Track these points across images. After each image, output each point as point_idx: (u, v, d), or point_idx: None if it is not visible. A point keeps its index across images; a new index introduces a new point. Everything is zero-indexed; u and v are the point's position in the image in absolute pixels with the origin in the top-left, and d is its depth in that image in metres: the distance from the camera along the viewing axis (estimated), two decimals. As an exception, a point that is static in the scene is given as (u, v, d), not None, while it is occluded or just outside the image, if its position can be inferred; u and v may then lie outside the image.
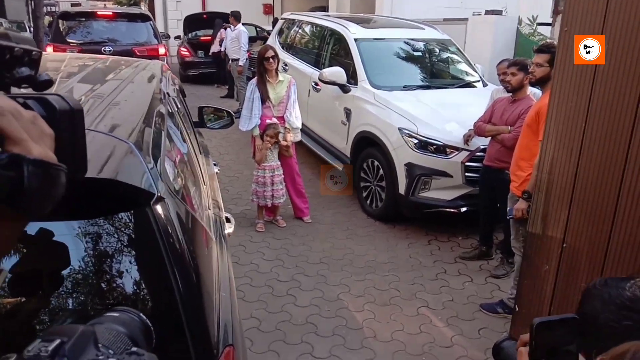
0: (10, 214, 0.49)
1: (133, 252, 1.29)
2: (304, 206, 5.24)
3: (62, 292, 1.21)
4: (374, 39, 6.25)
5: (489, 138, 4.24)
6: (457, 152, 4.73)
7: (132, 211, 1.26)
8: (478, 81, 6.19)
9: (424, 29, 6.77)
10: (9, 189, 0.46)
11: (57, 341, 0.42)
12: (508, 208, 3.69)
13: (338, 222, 5.22)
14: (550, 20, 7.30)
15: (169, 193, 1.41)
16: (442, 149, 4.76)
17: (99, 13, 8.64)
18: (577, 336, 0.82)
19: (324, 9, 13.60)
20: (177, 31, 14.78)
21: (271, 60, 4.84)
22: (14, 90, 0.57)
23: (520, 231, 3.52)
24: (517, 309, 2.37)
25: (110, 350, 0.46)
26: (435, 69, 6.55)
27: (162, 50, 8.68)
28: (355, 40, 6.02)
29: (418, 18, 7.85)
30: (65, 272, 1.21)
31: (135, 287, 1.28)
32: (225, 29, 10.53)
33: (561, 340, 0.83)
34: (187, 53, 12.48)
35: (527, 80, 3.94)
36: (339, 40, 6.41)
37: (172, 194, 1.45)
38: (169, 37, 12.90)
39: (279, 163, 4.94)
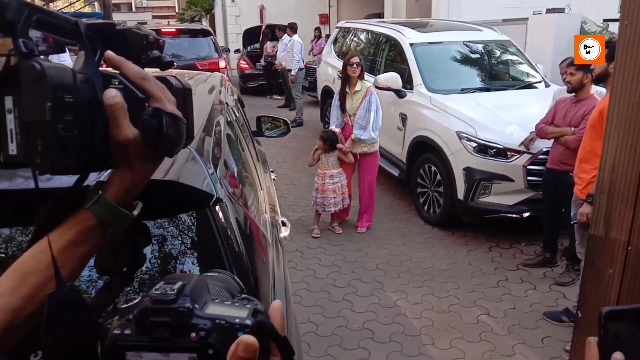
0: (152, 155, 0.66)
1: (194, 253, 1.37)
2: (364, 215, 5.19)
3: (127, 291, 1.30)
4: (430, 42, 6.20)
5: (552, 140, 4.10)
6: (518, 155, 4.60)
7: (192, 212, 1.34)
8: (540, 82, 5.99)
9: (481, 30, 6.64)
10: (154, 133, 0.62)
11: (180, 283, 0.48)
12: (572, 212, 3.56)
13: (395, 229, 5.20)
14: (618, 16, 6.96)
15: (227, 196, 1.49)
16: (502, 152, 4.65)
17: (163, 30, 9.09)
18: None
19: (380, 15, 13.60)
20: (237, 45, 15.25)
21: (355, 66, 4.80)
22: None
23: (585, 236, 3.37)
24: (579, 315, 2.28)
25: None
26: (494, 71, 6.41)
27: (222, 64, 9.01)
28: (411, 44, 6.00)
29: (476, 20, 7.71)
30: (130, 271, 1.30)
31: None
32: (281, 37, 10.63)
33: (635, 333, 0.81)
34: (246, 66, 12.86)
35: (588, 79, 3.79)
36: (394, 45, 6.40)
37: (230, 197, 1.53)
38: (228, 50, 13.35)
39: (333, 172, 4.95)
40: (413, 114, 5.54)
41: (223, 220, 1.36)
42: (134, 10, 36.68)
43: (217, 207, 1.36)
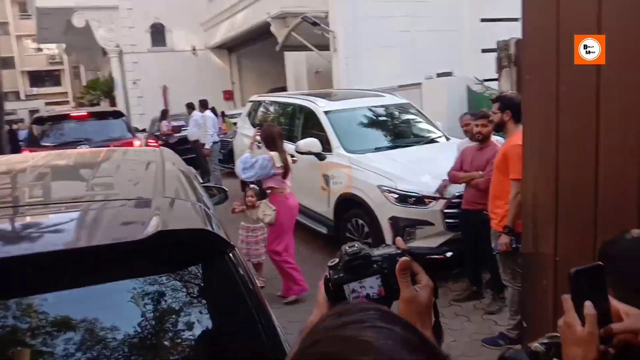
0: None
1: (218, 296, 1.46)
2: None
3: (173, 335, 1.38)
4: (342, 109, 6.75)
5: (463, 185, 4.63)
6: (434, 202, 5.09)
7: (214, 259, 1.45)
8: (441, 136, 6.71)
9: (384, 96, 7.37)
10: None
11: (357, 244, 0.88)
12: (493, 244, 4.00)
13: (333, 283, 5.36)
14: (496, 76, 8.02)
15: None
16: (420, 200, 5.12)
17: (71, 114, 8.91)
18: (603, 279, 1.08)
19: (284, 88, 14.35)
20: (141, 125, 15.17)
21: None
22: None
23: (507, 263, 3.82)
24: (524, 325, 2.61)
25: None
26: (400, 130, 7.09)
27: (137, 143, 8.96)
28: (325, 112, 6.50)
29: (374, 88, 8.48)
30: (166, 320, 1.39)
31: (225, 328, 1.43)
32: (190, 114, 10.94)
33: (593, 284, 1.08)
34: (155, 144, 12.81)
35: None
36: (310, 114, 6.87)
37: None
38: (138, 130, 13.27)
39: (257, 226, 5.20)
40: (335, 174, 5.93)
41: (240, 266, 1.49)
42: (23, 98, 34.95)
43: (232, 254, 1.50)
